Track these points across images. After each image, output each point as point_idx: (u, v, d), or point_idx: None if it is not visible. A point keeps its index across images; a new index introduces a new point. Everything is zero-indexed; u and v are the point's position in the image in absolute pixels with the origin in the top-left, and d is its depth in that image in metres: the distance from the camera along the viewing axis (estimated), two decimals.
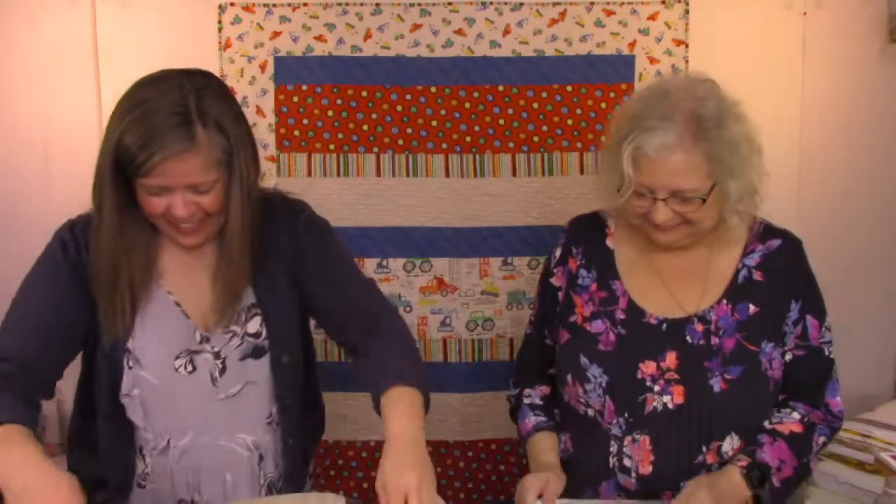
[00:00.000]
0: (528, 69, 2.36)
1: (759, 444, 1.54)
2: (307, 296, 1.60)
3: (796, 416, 1.58)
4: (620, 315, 1.59)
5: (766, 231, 1.63)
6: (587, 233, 1.70)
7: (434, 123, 2.37)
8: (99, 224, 1.43)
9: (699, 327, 1.55)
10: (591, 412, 1.59)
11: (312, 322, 1.73)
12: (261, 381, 1.55)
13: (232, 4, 2.34)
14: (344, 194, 2.39)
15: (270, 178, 2.37)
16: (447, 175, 2.39)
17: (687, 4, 2.34)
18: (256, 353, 1.53)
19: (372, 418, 2.44)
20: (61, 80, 2.33)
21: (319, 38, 2.35)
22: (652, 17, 2.35)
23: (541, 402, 1.74)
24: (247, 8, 2.34)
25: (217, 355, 1.50)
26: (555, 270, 1.71)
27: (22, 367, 1.39)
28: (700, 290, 1.58)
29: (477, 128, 2.37)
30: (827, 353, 1.60)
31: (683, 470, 1.51)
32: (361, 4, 2.34)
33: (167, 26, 2.28)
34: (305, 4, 2.34)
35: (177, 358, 1.48)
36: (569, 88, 2.36)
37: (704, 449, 1.53)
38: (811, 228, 2.38)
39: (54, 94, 2.34)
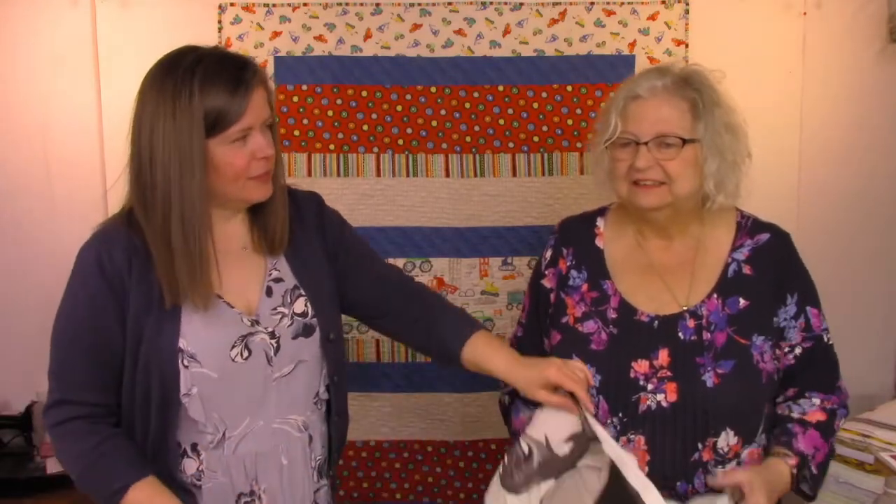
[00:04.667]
0: (528, 69, 2.36)
1: (793, 434, 1.55)
2: (339, 273, 1.66)
3: (816, 402, 1.59)
4: (612, 314, 1.59)
5: (755, 225, 1.63)
6: (577, 234, 1.70)
7: (434, 123, 2.38)
8: (191, 209, 1.40)
9: (691, 323, 1.55)
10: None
11: None
12: (311, 360, 1.56)
13: (232, 4, 2.34)
14: (344, 194, 2.39)
15: None
16: (447, 175, 2.39)
17: (687, 4, 2.34)
18: (307, 331, 1.55)
19: (372, 418, 2.47)
20: (61, 80, 2.34)
21: (319, 38, 2.35)
22: (652, 17, 2.35)
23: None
24: (247, 8, 2.34)
25: (272, 335, 1.51)
26: (545, 272, 1.70)
27: (101, 408, 1.46)
28: (688, 285, 1.59)
29: (477, 128, 2.37)
30: (827, 340, 1.63)
31: (679, 468, 1.51)
32: (361, 4, 2.34)
33: (167, 26, 2.28)
34: (305, 4, 2.34)
35: (232, 348, 1.47)
36: (569, 88, 2.36)
37: (700, 446, 1.52)
38: (811, 228, 2.40)
39: (54, 94, 2.34)
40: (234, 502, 1.51)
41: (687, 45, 2.35)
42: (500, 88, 2.36)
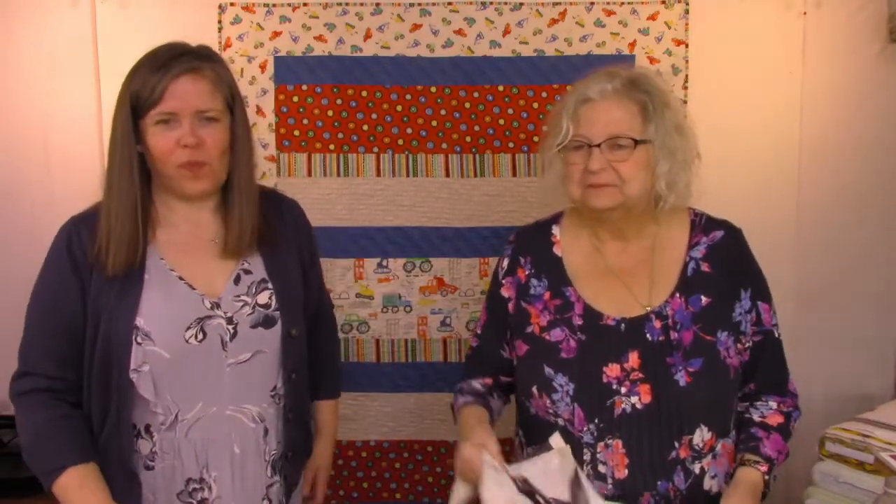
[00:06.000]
0: (528, 69, 2.36)
1: (759, 440, 1.57)
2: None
3: (773, 406, 1.63)
4: (578, 321, 1.59)
5: (708, 223, 1.66)
6: (534, 243, 1.71)
7: (434, 123, 2.38)
8: (119, 180, 1.51)
9: (657, 323, 1.56)
10: (560, 422, 1.57)
11: None
12: (270, 352, 1.59)
13: (232, 4, 2.34)
14: (344, 194, 2.39)
15: (270, 178, 2.37)
16: (447, 175, 2.39)
17: (687, 4, 2.34)
18: (267, 322, 1.58)
19: (372, 418, 2.47)
20: (61, 80, 2.33)
21: (319, 38, 2.35)
22: (652, 17, 2.35)
23: (480, 388, 1.74)
24: (247, 8, 2.34)
25: (230, 320, 1.54)
26: (503, 281, 1.70)
27: (57, 381, 1.52)
28: (648, 285, 1.60)
29: (477, 128, 2.37)
30: (777, 335, 1.65)
31: (658, 468, 1.52)
32: (361, 4, 2.34)
33: (167, 26, 2.27)
34: (305, 4, 2.34)
35: (187, 329, 1.51)
36: (569, 88, 2.34)
37: (676, 444, 1.53)
38: (811, 228, 2.40)
39: (54, 94, 2.34)
40: (182, 486, 1.54)
41: (687, 45, 2.35)
42: (500, 88, 2.36)
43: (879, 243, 2.44)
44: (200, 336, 1.51)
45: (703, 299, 1.58)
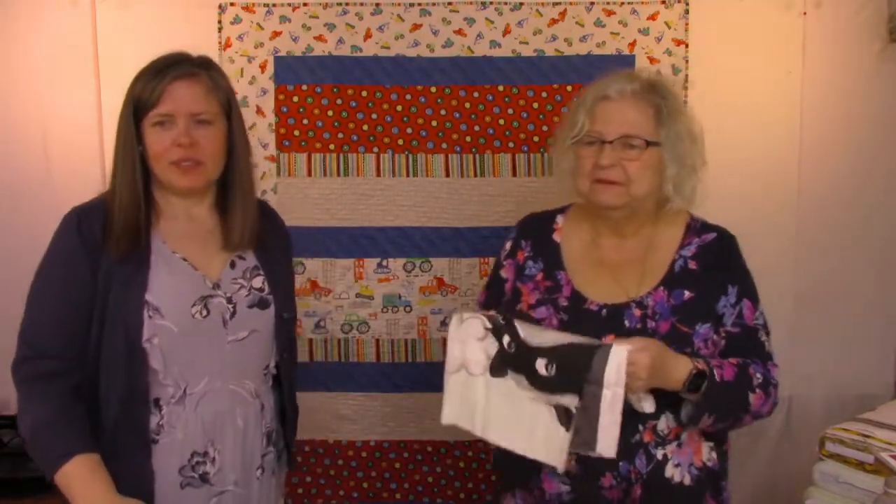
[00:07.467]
0: (528, 69, 2.36)
1: (710, 359, 1.57)
2: None
3: (733, 360, 1.62)
4: (564, 302, 1.64)
5: (703, 227, 1.70)
6: (536, 228, 1.77)
7: (434, 123, 2.38)
8: (122, 175, 1.60)
9: (637, 312, 1.60)
10: None
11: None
12: (264, 332, 1.67)
13: (232, 4, 2.34)
14: (344, 194, 2.39)
15: (270, 178, 2.37)
16: (447, 175, 2.39)
17: (687, 4, 2.35)
18: (262, 304, 1.67)
19: (372, 418, 2.47)
20: (61, 80, 2.33)
21: (319, 38, 2.35)
22: (652, 17, 2.35)
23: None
24: (247, 8, 2.34)
25: (229, 300, 1.63)
26: (504, 263, 1.77)
27: (64, 362, 1.55)
28: (638, 280, 1.64)
29: (477, 128, 2.37)
30: (760, 338, 1.65)
31: (622, 449, 1.51)
32: (361, 4, 2.34)
33: (167, 26, 2.28)
34: (305, 4, 2.34)
35: (193, 305, 1.59)
36: (569, 88, 2.36)
37: (641, 428, 1.56)
38: (811, 228, 2.40)
39: (54, 94, 2.34)
40: (186, 461, 1.59)
41: (687, 45, 2.35)
42: (500, 88, 2.36)
43: (879, 243, 2.44)
44: (205, 312, 1.59)
45: (687, 294, 1.61)
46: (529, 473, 1.65)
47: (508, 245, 1.79)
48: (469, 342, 1.54)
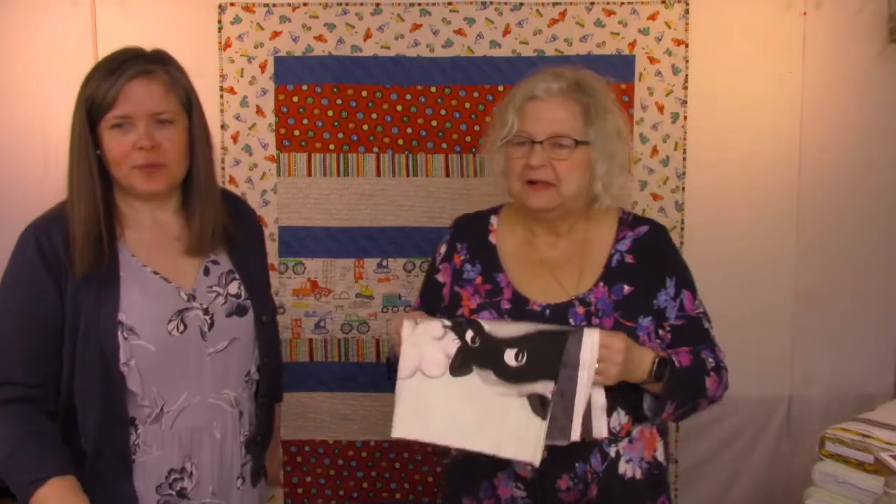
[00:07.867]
0: (528, 69, 2.33)
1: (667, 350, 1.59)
2: None
3: (684, 348, 1.63)
4: (506, 305, 1.63)
5: (635, 220, 1.72)
6: (471, 230, 1.76)
7: (434, 123, 2.38)
8: (79, 183, 1.55)
9: (580, 310, 1.60)
10: None
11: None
12: (244, 339, 1.63)
13: (232, 4, 2.34)
14: (344, 194, 2.39)
15: (270, 178, 2.37)
16: (447, 175, 2.39)
17: (687, 4, 2.34)
18: (240, 311, 1.63)
19: (372, 418, 2.47)
20: (61, 80, 2.33)
21: (319, 38, 2.35)
22: (652, 17, 2.35)
23: None
24: (247, 8, 2.34)
25: (206, 311, 1.58)
26: (440, 267, 1.74)
27: (29, 388, 1.49)
28: (577, 277, 1.64)
29: (477, 128, 2.37)
30: (704, 325, 1.66)
31: (576, 450, 1.53)
32: (361, 4, 2.34)
33: (167, 26, 2.28)
34: (305, 4, 2.34)
35: (169, 322, 1.53)
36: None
37: None
38: (811, 228, 2.40)
39: (54, 94, 2.33)
40: (163, 479, 1.56)
41: (687, 45, 2.35)
42: (500, 88, 2.36)
43: (879, 243, 2.44)
44: (182, 328, 1.54)
45: (626, 288, 1.62)
46: (480, 480, 1.64)
47: (443, 248, 1.76)
48: (426, 343, 1.50)
